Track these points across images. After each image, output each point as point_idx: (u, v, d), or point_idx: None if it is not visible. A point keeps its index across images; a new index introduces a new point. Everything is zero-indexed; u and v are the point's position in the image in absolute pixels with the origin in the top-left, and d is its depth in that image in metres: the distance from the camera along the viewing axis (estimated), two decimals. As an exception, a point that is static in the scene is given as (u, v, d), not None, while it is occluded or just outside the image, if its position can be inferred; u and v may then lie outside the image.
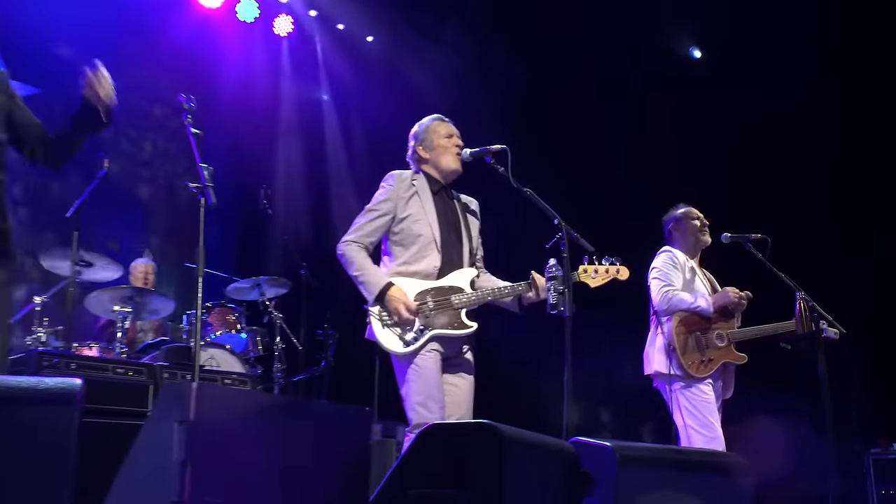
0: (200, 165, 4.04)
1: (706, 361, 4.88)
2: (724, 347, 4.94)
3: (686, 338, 4.91)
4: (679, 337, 4.89)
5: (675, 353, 4.85)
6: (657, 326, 5.05)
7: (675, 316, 4.94)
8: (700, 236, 5.18)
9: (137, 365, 5.60)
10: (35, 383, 2.18)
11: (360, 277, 4.02)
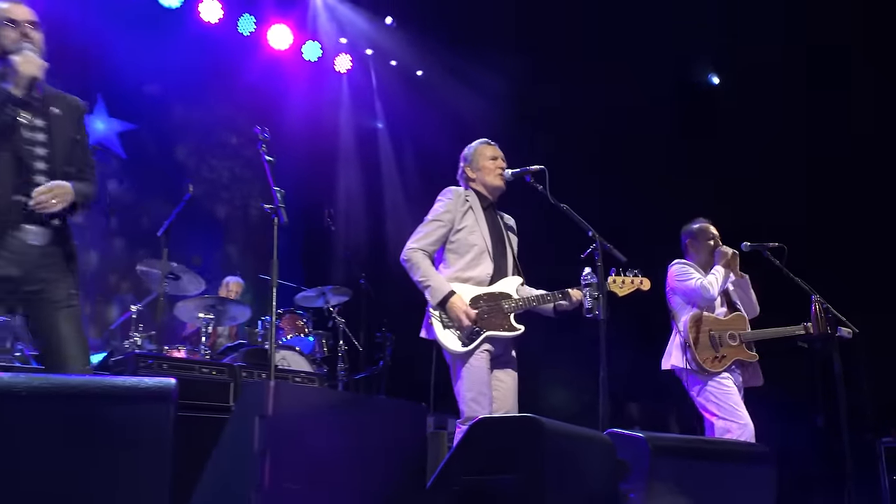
0: (274, 189, 4.09)
1: (719, 358, 4.81)
2: (736, 346, 4.86)
3: (700, 336, 4.85)
4: (693, 335, 4.84)
5: (689, 349, 4.80)
6: (676, 328, 5.01)
7: (691, 316, 4.89)
8: (712, 255, 5.10)
9: (219, 365, 5.65)
10: (136, 382, 2.20)
11: (424, 283, 4.02)
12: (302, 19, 9.08)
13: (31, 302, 3.19)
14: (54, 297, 3.18)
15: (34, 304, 3.19)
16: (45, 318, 3.18)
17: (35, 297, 3.16)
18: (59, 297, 3.19)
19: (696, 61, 8.29)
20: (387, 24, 9.29)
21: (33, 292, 3.15)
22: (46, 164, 3.18)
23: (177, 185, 8.05)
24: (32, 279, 3.14)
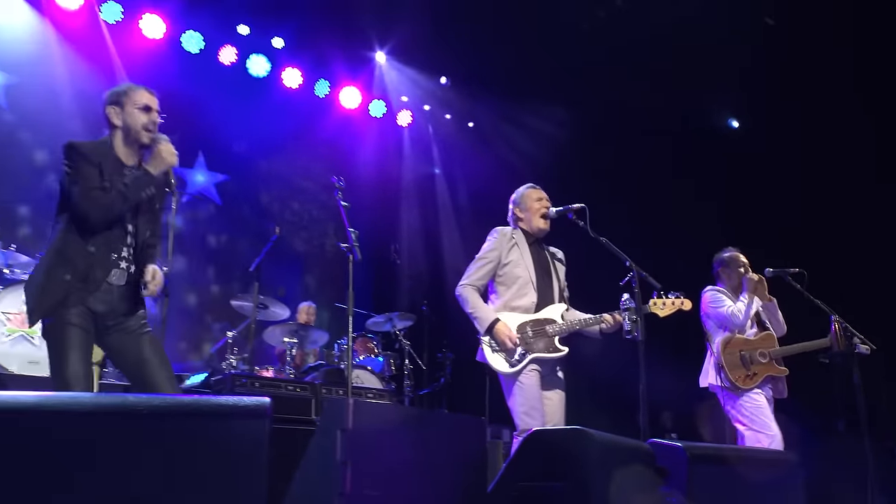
0: (349, 231, 4.15)
1: (751, 375, 4.72)
2: (766, 363, 4.76)
3: (731, 357, 4.77)
4: (725, 356, 4.77)
5: (723, 369, 4.73)
6: (710, 348, 4.94)
7: (722, 340, 4.81)
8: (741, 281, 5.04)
9: (302, 383, 5.70)
10: (236, 401, 2.20)
11: (474, 314, 4.07)
12: (369, 82, 9.23)
13: (112, 331, 3.22)
14: (131, 326, 3.24)
15: (115, 335, 3.23)
16: (128, 346, 3.23)
17: (115, 328, 3.22)
18: (135, 327, 3.25)
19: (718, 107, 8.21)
20: (441, 83, 9.38)
21: (114, 325, 3.21)
22: (134, 230, 3.26)
23: (263, 227, 8.22)
24: (113, 314, 3.19)
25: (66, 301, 3.04)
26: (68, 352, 3.01)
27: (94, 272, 3.10)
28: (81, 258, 3.09)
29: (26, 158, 7.24)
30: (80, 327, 3.05)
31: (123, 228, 3.19)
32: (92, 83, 7.55)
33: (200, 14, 7.90)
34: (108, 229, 3.14)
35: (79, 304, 3.04)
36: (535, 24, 7.76)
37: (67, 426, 2.01)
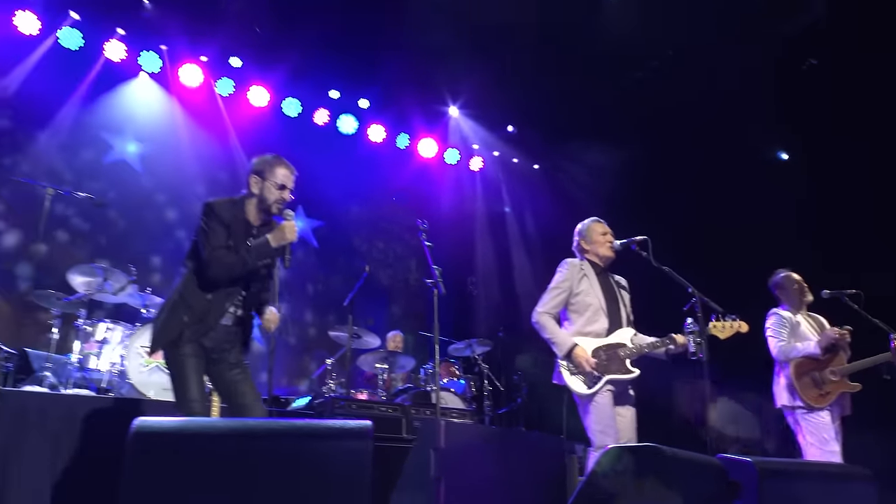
0: (433, 268, 4.19)
1: (824, 394, 4.53)
2: (838, 381, 4.56)
3: (802, 378, 4.58)
4: (797, 379, 4.58)
5: (796, 391, 4.55)
6: (779, 370, 4.76)
7: (792, 363, 4.63)
8: (802, 298, 4.86)
9: (393, 405, 5.72)
10: (342, 424, 2.24)
11: (552, 339, 4.04)
12: (444, 133, 9.35)
13: (216, 364, 3.35)
14: (230, 358, 3.36)
15: (219, 366, 3.35)
16: (225, 374, 3.35)
17: (218, 360, 3.33)
18: (232, 359, 3.36)
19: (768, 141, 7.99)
20: (509, 131, 9.45)
21: (216, 359, 3.32)
22: (248, 285, 3.37)
23: (354, 266, 8.37)
24: (217, 348, 3.32)
25: (182, 338, 3.20)
26: (187, 380, 3.18)
27: (208, 317, 3.24)
28: (200, 304, 3.24)
29: (159, 216, 7.60)
30: (195, 357, 3.22)
31: (240, 284, 3.33)
32: (210, 148, 7.94)
33: (298, 83, 8.21)
34: (226, 285, 3.28)
35: (193, 342, 3.19)
36: (591, 74, 7.76)
37: (204, 446, 2.10)
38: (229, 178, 7.87)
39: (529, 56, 7.47)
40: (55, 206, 5.45)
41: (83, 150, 7.27)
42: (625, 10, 7.10)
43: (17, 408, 4.22)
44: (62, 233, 6.94)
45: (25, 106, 6.89)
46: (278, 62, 7.83)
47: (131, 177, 7.52)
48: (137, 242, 7.28)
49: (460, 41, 7.14)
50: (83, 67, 7.25)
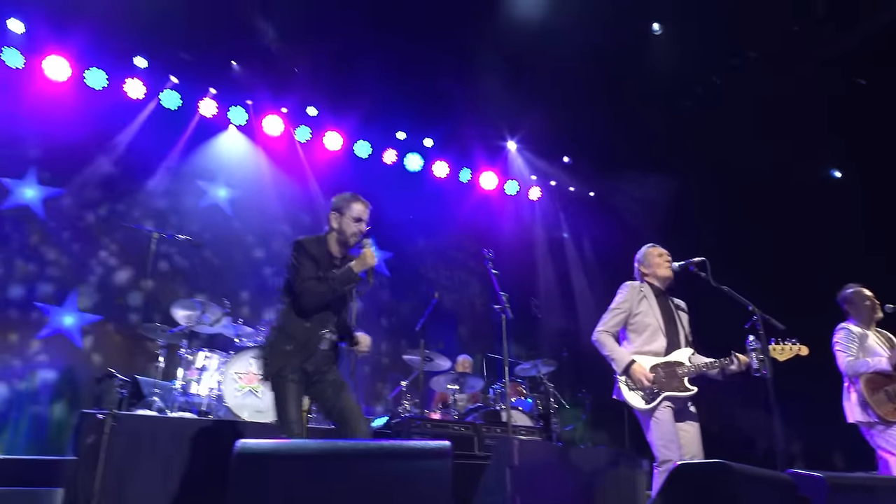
0: (500, 294, 4.18)
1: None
2: None
3: (875, 393, 4.34)
4: (870, 394, 4.34)
5: (869, 406, 4.31)
6: (849, 386, 4.52)
7: (863, 378, 4.40)
8: (872, 314, 4.61)
9: (465, 424, 5.70)
10: (423, 444, 2.25)
11: (611, 356, 3.96)
12: (504, 166, 9.38)
13: (316, 385, 3.45)
14: (329, 378, 3.47)
15: (318, 385, 3.45)
16: (327, 393, 3.45)
17: (319, 381, 3.43)
18: (332, 378, 3.47)
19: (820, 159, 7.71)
20: (564, 161, 9.41)
21: (316, 381, 3.43)
22: (338, 308, 3.54)
23: (422, 292, 8.42)
24: (318, 371, 3.42)
25: (286, 366, 3.33)
26: (287, 403, 3.31)
27: (310, 344, 3.38)
28: (300, 333, 3.39)
29: (248, 255, 7.85)
30: (295, 383, 3.33)
31: (331, 309, 3.48)
32: (292, 190, 8.20)
33: (368, 127, 8.41)
34: (320, 311, 3.41)
35: (297, 369, 3.32)
36: (640, 104, 7.68)
37: (299, 466, 2.15)
38: (311, 220, 8.09)
39: (581, 90, 7.45)
40: (160, 246, 5.73)
41: (182, 197, 7.62)
42: (670, 41, 7.04)
43: (131, 429, 4.40)
44: (166, 271, 7.26)
45: (134, 160, 7.30)
46: (350, 109, 8.05)
47: (223, 219, 7.82)
48: (229, 278, 7.53)
49: (517, 80, 7.19)
50: (181, 124, 7.64)
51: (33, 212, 6.82)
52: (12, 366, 6.44)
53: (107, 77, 7.10)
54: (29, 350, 6.54)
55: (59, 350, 6.66)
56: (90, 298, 6.91)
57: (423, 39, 6.65)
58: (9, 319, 6.52)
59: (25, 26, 6.66)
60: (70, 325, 6.76)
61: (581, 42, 6.70)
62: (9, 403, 6.34)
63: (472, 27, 6.50)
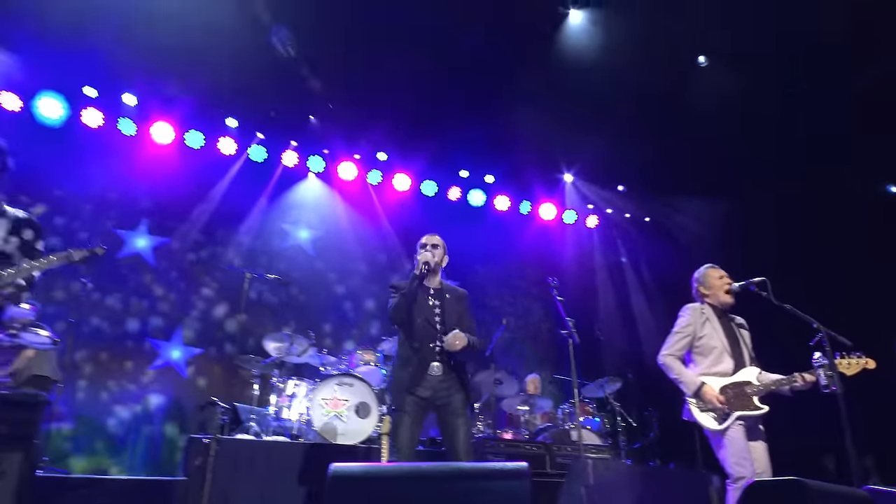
0: (566, 319, 4.14)
1: None
2: None
3: None
4: None
5: None
6: None
7: None
8: None
9: (536, 443, 5.63)
10: (501, 465, 2.24)
11: (679, 379, 3.84)
12: (561, 197, 9.32)
13: (439, 410, 3.52)
14: (451, 407, 3.52)
15: (441, 412, 3.52)
16: (446, 422, 3.51)
17: (441, 408, 3.51)
18: (454, 408, 3.52)
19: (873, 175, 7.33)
20: (619, 190, 9.28)
21: (440, 406, 3.50)
22: (442, 326, 3.59)
23: (488, 319, 8.37)
24: (436, 396, 3.48)
25: (404, 391, 3.49)
26: (397, 428, 3.45)
27: (419, 367, 3.51)
28: (412, 353, 3.54)
29: (330, 291, 8.04)
30: (408, 412, 3.47)
31: (434, 327, 3.60)
32: (366, 229, 8.39)
33: (434, 167, 8.53)
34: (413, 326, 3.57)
35: (412, 393, 3.44)
36: (691, 130, 7.51)
37: (387, 487, 2.17)
38: (387, 258, 8.26)
39: (631, 122, 7.37)
40: (252, 284, 5.94)
41: (270, 239, 7.92)
42: (715, 70, 6.90)
43: (231, 452, 4.56)
44: (257, 306, 7.53)
45: (228, 208, 7.66)
46: (416, 152, 8.21)
47: (306, 259, 8.06)
48: (313, 313, 7.73)
49: (571, 116, 7.18)
50: (267, 174, 7.99)
51: (144, 259, 7.23)
52: (129, 391, 6.79)
53: (203, 137, 7.51)
54: (143, 379, 6.88)
55: (168, 380, 6.98)
56: (193, 332, 7.24)
57: (482, 84, 6.76)
58: (126, 349, 6.91)
59: (137, 99, 7.16)
60: (177, 357, 7.08)
61: (630, 77, 6.66)
62: (127, 427, 6.67)
63: (527, 70, 6.56)
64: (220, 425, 5.24)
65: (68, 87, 6.86)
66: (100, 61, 6.57)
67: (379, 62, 6.50)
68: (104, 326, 6.87)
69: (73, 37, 6.10)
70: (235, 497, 4.36)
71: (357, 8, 5.90)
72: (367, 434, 5.25)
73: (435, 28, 6.08)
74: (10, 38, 6.30)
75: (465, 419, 3.51)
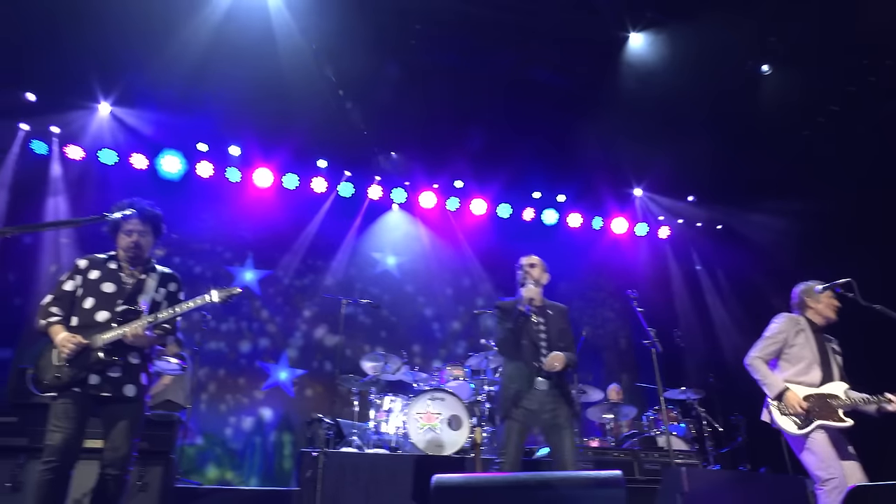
0: (648, 330, 4.04)
1: None
2: None
3: None
4: None
5: None
6: None
7: None
8: None
9: (624, 450, 5.46)
10: (597, 474, 2.18)
11: (763, 381, 3.68)
12: (633, 210, 9.09)
13: (545, 424, 3.51)
14: (557, 420, 3.50)
15: (547, 425, 3.51)
16: (553, 435, 3.50)
17: (548, 422, 3.50)
18: (560, 422, 3.49)
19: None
20: (689, 200, 8.94)
21: (546, 419, 3.49)
22: (546, 343, 3.60)
23: (573, 330, 8.20)
24: (542, 410, 3.47)
25: (511, 405, 3.51)
26: (507, 439, 3.48)
27: (523, 382, 3.54)
28: (514, 372, 3.59)
29: (418, 313, 8.18)
30: (516, 423, 3.50)
31: (537, 346, 3.62)
32: (447, 253, 8.49)
33: (509, 191, 8.53)
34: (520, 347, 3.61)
35: (519, 406, 3.46)
36: (759, 137, 7.18)
37: (488, 497, 2.18)
38: (470, 283, 8.33)
39: (699, 132, 7.12)
40: (347, 309, 6.11)
41: (361, 267, 8.16)
42: (781, 75, 6.56)
43: (337, 465, 4.69)
44: (353, 329, 7.75)
45: (322, 240, 7.99)
46: (491, 178, 8.25)
47: (395, 283, 8.24)
48: (404, 333, 7.87)
49: (638, 131, 7.02)
50: (355, 208, 8.27)
51: (251, 290, 7.62)
52: (244, 407, 7.13)
53: (298, 179, 7.88)
54: (256, 398, 7.21)
55: (277, 399, 7.28)
56: (297, 354, 7.54)
57: (551, 111, 6.74)
58: (240, 368, 7.28)
59: (241, 150, 7.62)
60: (284, 378, 7.38)
61: (693, 89, 6.45)
62: (243, 443, 6.99)
63: (593, 93, 6.48)
64: (326, 439, 5.39)
65: (185, 145, 7.40)
66: (210, 121, 7.07)
67: (453, 99, 6.63)
68: (222, 349, 7.28)
69: (188, 102, 6.60)
70: (343, 503, 4.47)
71: (432, 50, 6.05)
72: (460, 445, 5.25)
73: (501, 63, 6.15)
74: (141, 105, 6.88)
75: (571, 431, 3.49)
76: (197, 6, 5.47)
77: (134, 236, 3.23)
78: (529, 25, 5.61)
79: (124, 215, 3.18)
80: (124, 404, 3.06)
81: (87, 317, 3.10)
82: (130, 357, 3.13)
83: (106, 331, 3.07)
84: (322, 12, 5.55)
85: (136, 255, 3.26)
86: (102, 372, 3.05)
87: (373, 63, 6.14)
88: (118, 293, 3.18)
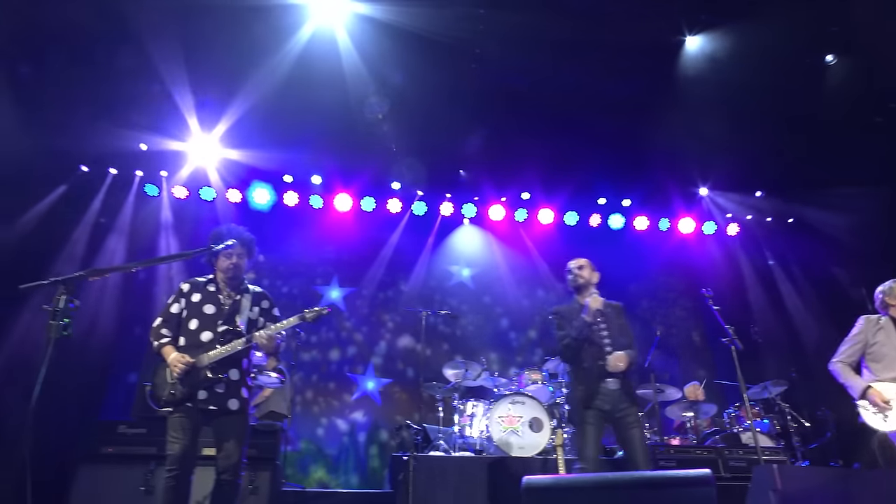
0: (725, 327, 3.87)
1: None
2: None
3: None
4: None
5: None
6: None
7: None
8: None
9: (707, 448, 5.21)
10: (686, 474, 2.11)
11: (846, 383, 3.63)
12: (700, 210, 8.71)
13: (617, 423, 3.41)
14: (628, 419, 3.40)
15: (619, 425, 3.43)
16: (625, 433, 3.41)
17: (619, 420, 3.42)
18: (631, 420, 3.40)
19: None
20: (757, 196, 8.47)
21: (618, 418, 3.41)
22: (610, 341, 3.54)
23: (646, 332, 7.94)
24: (615, 409, 3.40)
25: (583, 406, 3.45)
26: (581, 438, 3.45)
27: (591, 382, 3.49)
28: (581, 375, 3.54)
29: (494, 322, 8.17)
30: (592, 424, 3.45)
31: (601, 347, 3.57)
32: (518, 262, 8.44)
33: (574, 199, 8.37)
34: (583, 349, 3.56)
35: (591, 407, 3.41)
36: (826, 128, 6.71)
37: (578, 497, 2.14)
38: (544, 294, 8.27)
39: (763, 127, 6.76)
40: (427, 320, 6.18)
41: (439, 280, 8.26)
42: (846, 65, 6.12)
43: (426, 468, 4.73)
44: (434, 339, 7.83)
45: (400, 257, 8.15)
46: (557, 187, 8.14)
47: (471, 294, 8.27)
48: (482, 341, 7.89)
49: (701, 130, 6.73)
50: (429, 225, 8.39)
51: (337, 306, 7.86)
52: (337, 414, 7.33)
53: (374, 201, 8.09)
54: (347, 407, 7.40)
55: (367, 407, 7.44)
56: (382, 364, 7.69)
57: (615, 120, 6.58)
58: (332, 376, 7.50)
59: (322, 179, 7.92)
60: (371, 388, 7.54)
61: (757, 82, 6.12)
62: (338, 450, 7.18)
63: (655, 98, 6.27)
64: (415, 444, 5.45)
65: (273, 177, 7.77)
66: (295, 153, 7.38)
67: (518, 115, 6.62)
68: (315, 361, 7.54)
69: (277, 137, 6.92)
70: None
71: (502, 73, 6.07)
72: (542, 447, 5.18)
73: (562, 77, 6.08)
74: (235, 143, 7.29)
75: (641, 429, 3.40)
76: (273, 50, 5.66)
77: (234, 258, 3.41)
78: (588, 39, 5.54)
79: (227, 245, 3.37)
80: (230, 416, 3.22)
81: (194, 337, 3.29)
82: (231, 374, 3.28)
83: (210, 350, 3.24)
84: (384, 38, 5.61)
85: (235, 276, 3.44)
86: (209, 388, 3.22)
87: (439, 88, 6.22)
88: (217, 314, 3.35)
